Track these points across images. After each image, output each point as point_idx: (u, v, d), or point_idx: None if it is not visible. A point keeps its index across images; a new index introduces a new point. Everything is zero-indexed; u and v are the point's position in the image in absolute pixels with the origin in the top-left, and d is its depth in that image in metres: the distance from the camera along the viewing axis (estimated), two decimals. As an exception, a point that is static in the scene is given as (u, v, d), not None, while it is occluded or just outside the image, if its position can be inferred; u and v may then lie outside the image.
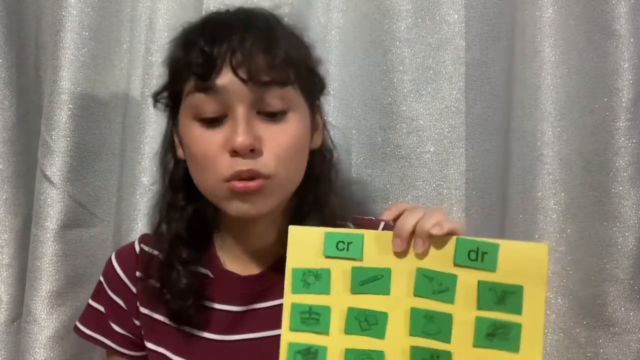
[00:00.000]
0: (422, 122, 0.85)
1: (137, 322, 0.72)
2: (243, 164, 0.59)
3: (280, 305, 0.56)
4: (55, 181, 0.85)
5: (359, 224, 0.71)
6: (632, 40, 0.81)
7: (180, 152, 0.68)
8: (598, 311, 0.83)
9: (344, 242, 0.55)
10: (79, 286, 0.89)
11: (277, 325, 0.59)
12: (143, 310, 0.71)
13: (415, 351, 0.53)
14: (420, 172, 0.85)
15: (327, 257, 0.55)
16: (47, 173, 0.85)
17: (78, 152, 0.87)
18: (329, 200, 0.70)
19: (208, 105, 0.60)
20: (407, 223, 0.54)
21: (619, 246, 0.82)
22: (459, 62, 0.85)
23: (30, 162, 0.94)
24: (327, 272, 0.55)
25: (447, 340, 0.52)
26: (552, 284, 0.87)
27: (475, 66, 0.86)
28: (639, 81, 0.81)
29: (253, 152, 0.59)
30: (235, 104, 0.60)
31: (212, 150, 0.60)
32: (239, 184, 0.59)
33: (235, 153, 0.59)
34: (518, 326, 0.51)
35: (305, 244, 0.56)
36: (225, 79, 0.59)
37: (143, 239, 0.75)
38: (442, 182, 0.85)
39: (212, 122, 0.61)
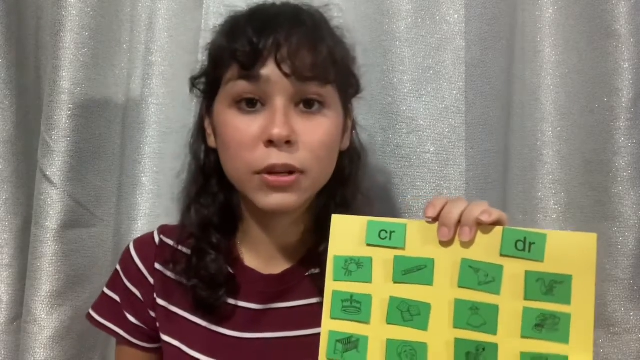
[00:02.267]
0: (422, 122, 0.85)
1: (152, 314, 0.72)
2: (277, 158, 0.59)
3: (300, 307, 0.56)
4: (55, 181, 0.85)
5: None
6: (632, 40, 0.81)
7: (212, 141, 0.68)
8: (598, 311, 0.83)
9: (386, 231, 0.54)
10: (79, 286, 0.89)
11: (296, 326, 0.59)
12: (160, 301, 0.71)
13: (459, 343, 0.52)
14: (420, 172, 0.85)
15: (369, 245, 0.55)
16: (47, 173, 0.85)
17: (78, 152, 0.87)
18: (356, 201, 0.70)
19: (248, 93, 0.61)
20: (454, 212, 0.53)
21: (619, 246, 0.82)
22: (459, 62, 0.85)
23: (30, 162, 0.94)
24: (369, 260, 0.54)
25: (494, 332, 0.51)
26: (552, 284, 0.87)
27: (475, 66, 0.86)
28: (639, 81, 0.81)
29: (288, 144, 0.59)
30: (274, 95, 0.60)
31: (246, 138, 0.60)
32: (271, 178, 0.60)
33: (270, 143, 0.59)
34: (567, 316, 0.50)
35: (347, 232, 0.55)
36: (269, 70, 0.60)
37: (163, 230, 0.75)
38: (442, 182, 0.85)
39: (250, 111, 0.61)
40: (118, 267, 0.75)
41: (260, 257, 0.71)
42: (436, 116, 0.85)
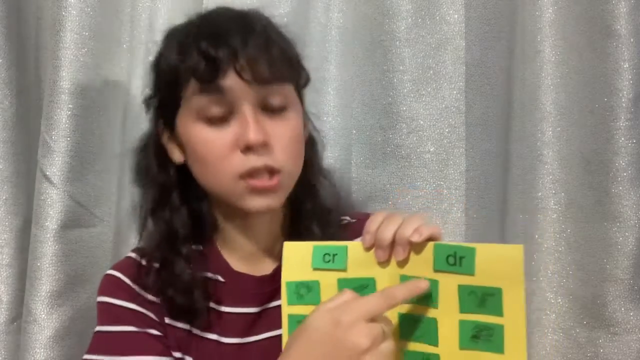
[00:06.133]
0: (422, 122, 0.85)
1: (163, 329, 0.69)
2: (256, 160, 0.61)
3: None
4: (55, 181, 0.85)
5: (357, 218, 0.76)
6: (632, 40, 0.81)
7: (177, 156, 0.68)
8: (598, 311, 0.83)
9: (329, 255, 0.57)
10: (79, 286, 0.89)
11: None
12: (166, 320, 0.68)
13: (407, 355, 0.54)
14: (420, 172, 0.85)
15: (315, 269, 0.57)
16: (47, 173, 0.85)
17: (78, 152, 0.87)
18: (322, 185, 0.73)
19: (214, 106, 0.61)
20: (387, 233, 0.55)
21: (619, 246, 0.82)
22: (459, 62, 0.85)
23: (30, 162, 0.94)
24: (317, 283, 0.57)
25: (435, 343, 0.53)
26: (552, 284, 0.87)
27: (475, 66, 0.86)
28: (639, 81, 0.81)
29: (264, 147, 0.61)
30: (240, 103, 0.61)
31: (223, 149, 0.61)
32: (258, 183, 0.62)
33: (248, 150, 0.61)
34: (500, 327, 0.51)
35: (297, 258, 0.58)
36: (230, 80, 0.60)
37: (141, 252, 0.71)
38: (442, 182, 0.85)
39: (219, 122, 0.62)
40: (109, 300, 0.67)
41: (248, 260, 0.71)
42: (436, 116, 0.85)
